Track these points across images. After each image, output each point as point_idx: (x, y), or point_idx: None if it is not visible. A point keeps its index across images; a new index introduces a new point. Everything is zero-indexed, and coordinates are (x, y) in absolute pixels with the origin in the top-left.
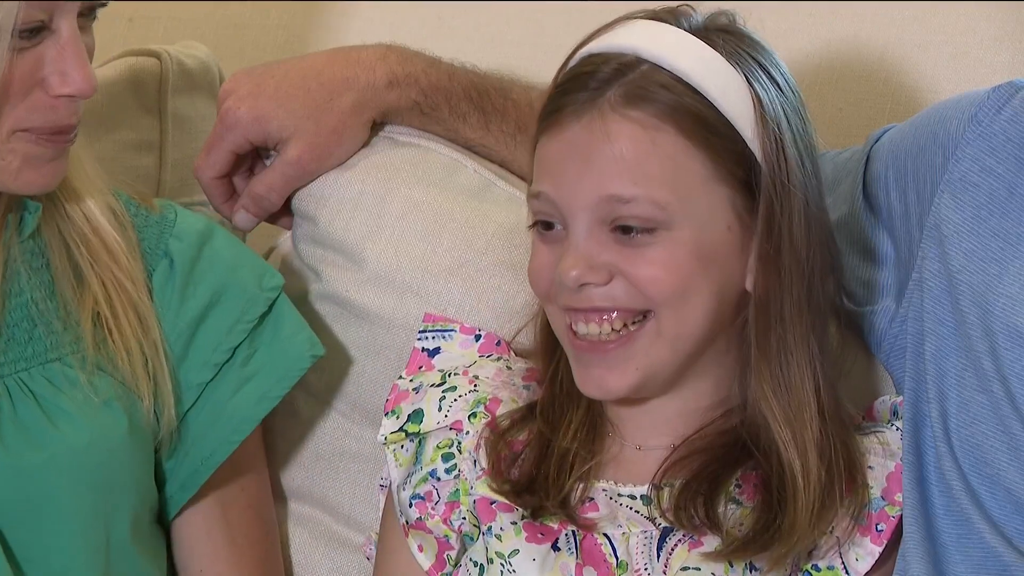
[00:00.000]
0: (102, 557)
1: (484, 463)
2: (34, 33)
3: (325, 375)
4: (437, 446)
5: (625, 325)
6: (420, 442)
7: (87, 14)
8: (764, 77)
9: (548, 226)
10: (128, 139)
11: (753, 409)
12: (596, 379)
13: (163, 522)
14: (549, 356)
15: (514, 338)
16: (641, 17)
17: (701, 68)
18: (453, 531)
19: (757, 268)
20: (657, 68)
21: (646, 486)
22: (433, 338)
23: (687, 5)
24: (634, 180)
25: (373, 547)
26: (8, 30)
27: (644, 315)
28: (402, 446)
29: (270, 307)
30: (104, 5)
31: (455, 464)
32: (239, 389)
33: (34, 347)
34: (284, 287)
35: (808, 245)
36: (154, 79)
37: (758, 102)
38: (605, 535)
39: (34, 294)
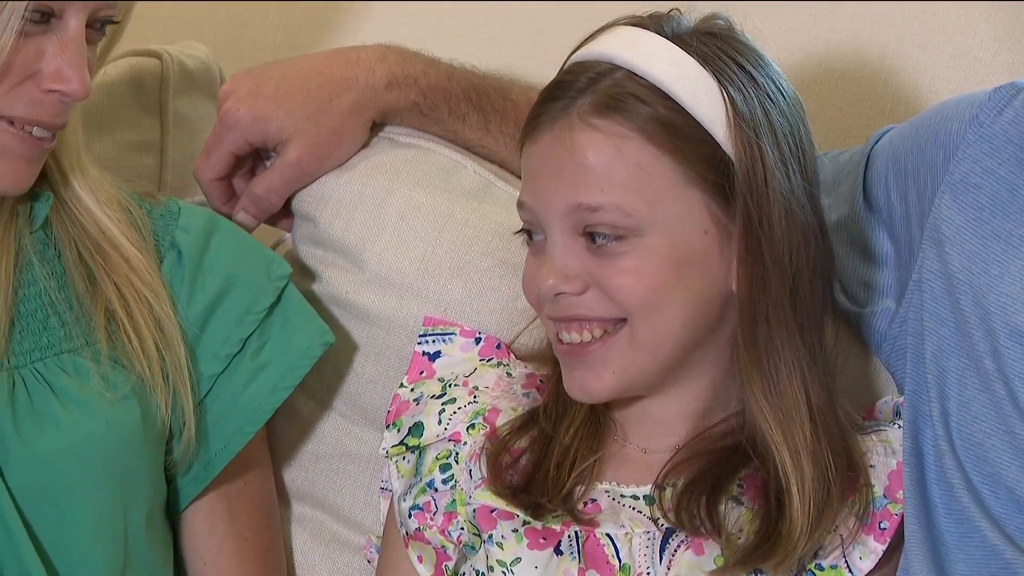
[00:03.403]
0: (121, 547)
1: (483, 471)
2: (44, 19)
3: (325, 376)
4: (436, 457)
5: (605, 332)
6: (420, 453)
7: (96, 26)
8: (742, 79)
9: (531, 235)
10: (128, 139)
11: (749, 412)
12: (578, 381)
13: (169, 515)
14: (555, 359)
15: (514, 341)
16: (624, 23)
17: (671, 72)
18: (451, 542)
19: (739, 270)
20: (629, 75)
21: (649, 486)
22: (433, 342)
23: (676, 9)
24: (601, 188)
25: (373, 549)
26: (20, 12)
27: (623, 322)
28: (404, 457)
29: (279, 297)
30: (116, 22)
31: (452, 475)
32: (252, 380)
33: (48, 337)
34: None
35: (790, 248)
36: (154, 79)
37: (731, 104)
38: (608, 535)
39: (47, 284)
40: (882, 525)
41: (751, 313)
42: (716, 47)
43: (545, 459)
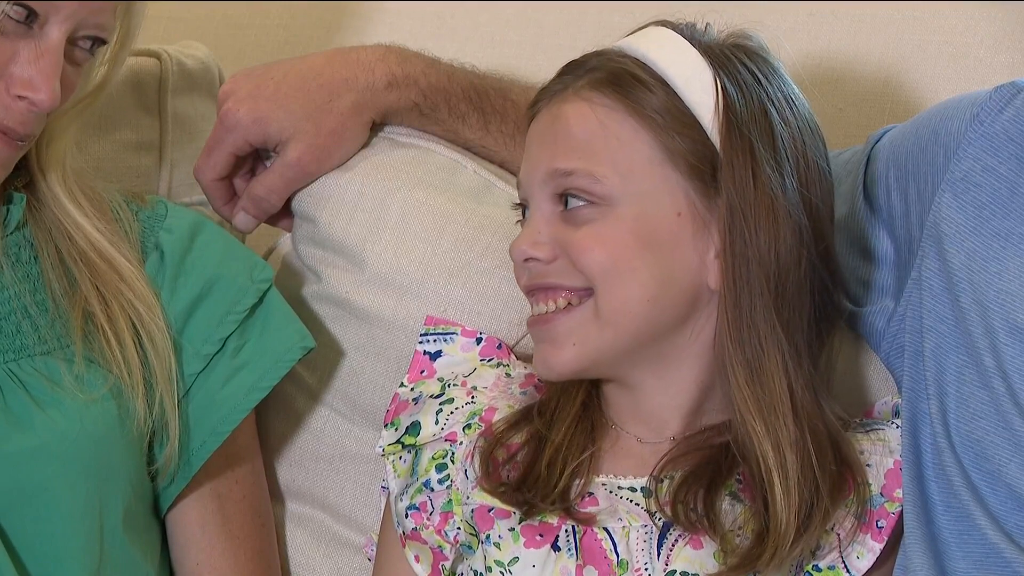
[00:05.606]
0: (96, 546)
1: (477, 470)
2: (26, 20)
3: (325, 376)
4: (432, 457)
5: (570, 303)
6: (416, 453)
7: (84, 45)
8: (744, 78)
9: (525, 212)
10: (128, 139)
11: (735, 408)
12: (541, 355)
13: (159, 518)
14: None
15: (516, 344)
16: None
17: (667, 56)
18: (447, 542)
19: (721, 265)
20: (635, 61)
21: (645, 478)
22: (435, 341)
23: (708, 23)
24: (579, 155)
25: (374, 547)
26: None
27: (589, 294)
28: (400, 457)
29: (261, 299)
30: (105, 41)
31: (448, 475)
32: (229, 380)
33: (22, 340)
34: (284, 288)
35: (776, 248)
36: (154, 79)
37: (723, 94)
38: (605, 529)
39: (20, 287)
40: (879, 524)
41: (735, 309)
42: (729, 48)
43: (538, 459)
